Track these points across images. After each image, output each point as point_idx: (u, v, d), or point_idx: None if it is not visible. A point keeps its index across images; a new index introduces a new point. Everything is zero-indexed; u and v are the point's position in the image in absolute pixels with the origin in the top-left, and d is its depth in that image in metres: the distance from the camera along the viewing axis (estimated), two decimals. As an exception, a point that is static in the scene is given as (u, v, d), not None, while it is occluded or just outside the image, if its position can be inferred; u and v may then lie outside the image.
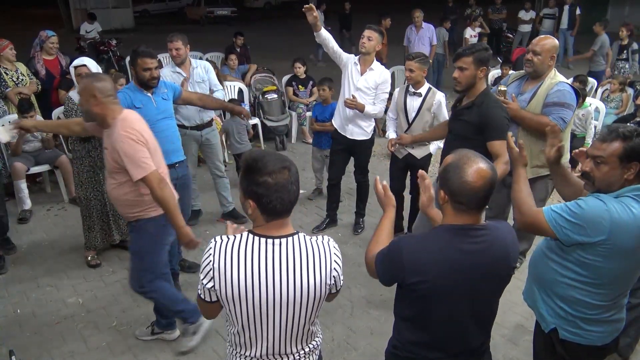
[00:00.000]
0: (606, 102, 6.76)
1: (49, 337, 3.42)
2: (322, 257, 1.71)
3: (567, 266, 2.05)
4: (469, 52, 3.03)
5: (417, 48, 8.33)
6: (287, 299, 1.68)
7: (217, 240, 1.72)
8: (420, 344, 1.83)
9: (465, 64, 3.03)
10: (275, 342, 1.75)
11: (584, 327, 2.09)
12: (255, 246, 1.68)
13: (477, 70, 3.04)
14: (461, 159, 1.70)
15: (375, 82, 4.26)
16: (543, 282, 2.19)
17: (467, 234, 1.72)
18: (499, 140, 3.00)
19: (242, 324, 1.73)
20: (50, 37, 6.07)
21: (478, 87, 3.11)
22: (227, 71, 7.59)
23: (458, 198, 1.69)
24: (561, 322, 2.13)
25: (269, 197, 1.63)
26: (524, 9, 12.67)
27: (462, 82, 3.09)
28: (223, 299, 1.70)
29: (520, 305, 3.68)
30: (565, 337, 2.13)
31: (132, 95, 3.57)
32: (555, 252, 2.10)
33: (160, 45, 5.77)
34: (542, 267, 2.18)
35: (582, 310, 2.07)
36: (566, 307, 2.10)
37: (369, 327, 3.53)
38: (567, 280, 2.06)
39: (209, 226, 4.96)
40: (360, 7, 28.80)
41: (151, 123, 3.29)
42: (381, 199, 2.05)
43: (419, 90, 4.12)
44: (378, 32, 4.23)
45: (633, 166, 1.91)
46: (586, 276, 2.01)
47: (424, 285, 1.70)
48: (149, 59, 3.52)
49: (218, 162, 4.89)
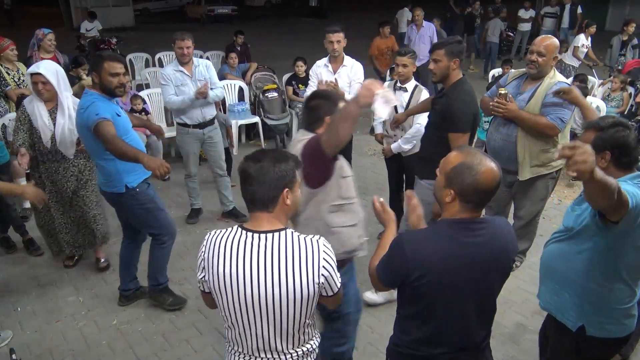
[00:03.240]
0: (607, 101, 6.76)
1: (50, 336, 3.43)
2: (310, 254, 1.70)
3: (600, 260, 2.05)
4: (442, 45, 3.20)
5: (417, 47, 8.31)
6: (273, 295, 1.68)
7: (210, 232, 1.79)
8: (424, 340, 1.84)
9: (439, 56, 3.19)
10: (265, 339, 1.76)
11: (616, 321, 2.11)
12: (241, 240, 1.71)
13: (450, 62, 3.19)
14: (471, 159, 1.69)
15: (349, 76, 4.46)
16: (567, 281, 2.16)
17: (469, 228, 1.73)
18: (454, 134, 3.16)
19: (231, 319, 1.76)
20: (48, 35, 6.02)
21: (452, 77, 3.25)
22: (228, 70, 7.59)
23: (469, 197, 1.71)
24: (589, 319, 2.13)
25: (244, 185, 1.72)
26: (524, 7, 12.66)
27: (437, 74, 3.26)
28: (212, 290, 1.76)
29: (520, 304, 3.70)
30: (592, 334, 2.13)
31: (108, 103, 3.19)
32: (581, 247, 2.09)
33: (160, 44, 5.78)
34: (563, 266, 2.17)
35: (617, 304, 2.09)
36: (597, 302, 2.10)
37: (370, 326, 3.52)
38: (598, 275, 2.07)
39: (209, 225, 4.96)
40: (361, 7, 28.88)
41: (129, 131, 3.28)
42: (381, 216, 2.08)
43: (404, 85, 4.16)
44: (342, 31, 4.47)
45: (605, 155, 2.02)
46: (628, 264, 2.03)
47: (427, 279, 1.71)
48: (117, 63, 3.18)
49: (220, 160, 4.89)
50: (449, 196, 1.73)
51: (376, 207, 2.08)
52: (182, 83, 4.49)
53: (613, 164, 2.04)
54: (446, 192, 1.74)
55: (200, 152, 4.96)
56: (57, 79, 3.61)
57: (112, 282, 4.02)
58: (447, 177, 1.74)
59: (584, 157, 1.43)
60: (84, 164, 3.88)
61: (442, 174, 1.76)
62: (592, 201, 1.78)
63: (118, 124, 3.18)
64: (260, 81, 7.52)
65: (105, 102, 3.17)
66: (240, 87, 7.35)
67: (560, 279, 2.20)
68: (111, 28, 17.76)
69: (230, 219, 5.00)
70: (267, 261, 1.67)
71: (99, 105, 3.10)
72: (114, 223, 4.85)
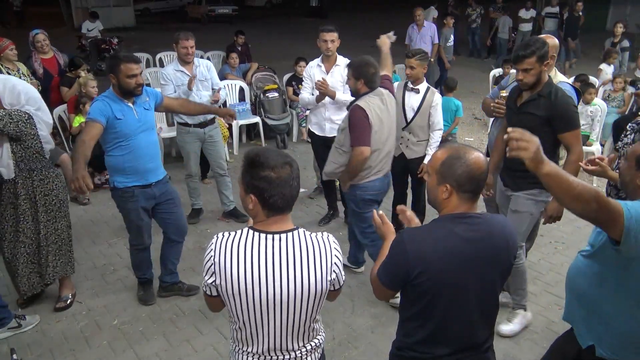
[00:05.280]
0: (608, 101, 6.76)
1: (50, 335, 3.43)
2: (322, 252, 1.72)
3: (619, 285, 1.92)
4: (530, 53, 2.93)
5: (418, 46, 8.32)
6: (288, 295, 1.68)
7: (218, 236, 1.75)
8: (426, 341, 1.83)
9: (530, 65, 2.95)
10: (276, 338, 1.76)
11: (633, 352, 1.99)
12: (255, 242, 1.69)
13: (542, 67, 2.99)
14: (456, 151, 1.76)
15: (342, 75, 4.38)
16: (585, 298, 2.07)
17: (467, 222, 1.75)
18: (569, 132, 3.02)
19: (243, 319, 1.74)
20: (36, 36, 5.98)
21: (542, 79, 3.06)
22: (228, 70, 7.59)
23: (465, 187, 1.73)
24: (602, 339, 2.03)
25: (270, 191, 1.64)
26: (525, 8, 12.67)
27: (529, 82, 3.03)
28: (224, 294, 1.72)
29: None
30: (602, 355, 2.03)
31: (112, 104, 3.21)
32: (601, 268, 1.98)
33: (161, 44, 5.78)
34: (583, 283, 2.07)
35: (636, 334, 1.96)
36: (613, 326, 1.98)
37: (370, 326, 3.53)
38: (617, 300, 1.94)
39: (210, 225, 4.96)
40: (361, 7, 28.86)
41: (130, 136, 3.28)
42: (380, 230, 2.08)
43: (417, 86, 4.14)
44: (336, 31, 4.40)
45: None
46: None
47: (428, 276, 1.71)
48: (134, 65, 3.20)
49: (221, 160, 4.89)
50: (445, 192, 1.75)
51: (375, 220, 2.09)
52: (182, 83, 4.49)
53: None
54: (441, 188, 1.76)
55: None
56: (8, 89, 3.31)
57: (113, 282, 4.02)
58: (438, 173, 1.77)
59: (525, 145, 1.57)
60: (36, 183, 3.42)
61: (433, 173, 1.79)
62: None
63: (116, 125, 3.21)
64: (261, 81, 7.52)
65: (110, 104, 3.21)
66: (240, 87, 7.35)
67: (578, 294, 2.12)
68: (112, 28, 17.77)
69: (231, 219, 5.00)
70: (282, 262, 1.68)
71: (96, 105, 3.21)
72: (115, 224, 4.87)
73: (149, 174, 3.42)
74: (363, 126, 3.35)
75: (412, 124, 4.13)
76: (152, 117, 3.47)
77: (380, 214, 2.09)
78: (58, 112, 5.76)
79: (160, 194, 3.52)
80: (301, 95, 4.61)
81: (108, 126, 3.20)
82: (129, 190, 3.37)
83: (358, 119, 3.36)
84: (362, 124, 3.35)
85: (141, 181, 3.38)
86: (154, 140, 3.47)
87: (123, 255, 4.38)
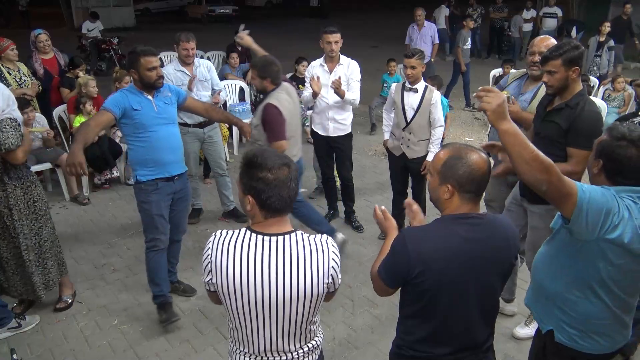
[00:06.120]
0: (607, 101, 6.76)
1: (50, 335, 3.43)
2: (320, 255, 1.71)
3: (571, 268, 1.97)
4: (556, 55, 2.76)
5: (418, 46, 8.33)
6: (284, 297, 1.68)
7: (216, 234, 1.75)
8: (426, 340, 1.83)
9: (554, 67, 2.78)
10: (272, 340, 1.76)
11: (586, 335, 2.02)
12: (252, 243, 1.69)
13: (569, 72, 2.79)
14: (457, 151, 1.75)
15: (345, 74, 4.45)
16: (543, 283, 2.13)
17: (468, 222, 1.75)
18: (578, 149, 2.77)
19: (238, 319, 1.74)
20: (38, 36, 5.98)
21: (572, 88, 2.85)
22: (229, 70, 7.59)
23: (467, 187, 1.73)
24: (558, 324, 2.07)
25: (268, 193, 1.64)
26: (525, 7, 12.68)
27: (553, 85, 2.85)
28: (220, 293, 1.73)
29: (521, 304, 3.69)
30: (561, 341, 2.07)
31: (130, 96, 3.24)
32: (557, 251, 2.04)
33: (161, 44, 5.78)
34: (543, 267, 2.13)
35: (588, 318, 1.99)
36: (567, 310, 2.03)
37: (370, 326, 3.53)
38: (569, 282, 1.99)
39: (209, 225, 4.96)
40: (361, 7, 28.87)
41: (148, 128, 3.26)
42: (382, 224, 2.08)
43: (415, 86, 4.14)
44: (339, 32, 4.46)
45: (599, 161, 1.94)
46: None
47: (429, 276, 1.71)
48: (152, 57, 3.25)
49: (220, 160, 4.90)
50: (447, 192, 1.75)
51: (377, 214, 2.08)
52: (182, 83, 4.49)
53: (605, 176, 1.93)
54: (443, 189, 1.76)
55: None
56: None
57: (113, 282, 4.02)
58: (440, 174, 1.77)
59: (490, 99, 1.67)
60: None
61: (435, 174, 1.79)
62: (514, 163, 1.77)
63: (134, 116, 3.22)
64: (261, 81, 7.50)
65: (128, 95, 3.25)
66: (241, 87, 7.35)
67: (538, 280, 2.17)
68: (112, 28, 17.78)
69: (231, 219, 5.00)
70: (277, 264, 1.67)
71: (113, 96, 3.31)
72: (115, 224, 4.87)
73: (170, 165, 3.39)
74: (279, 122, 3.62)
75: (413, 124, 4.13)
76: (173, 111, 3.45)
77: (383, 209, 2.09)
78: (58, 112, 5.76)
79: (180, 189, 3.52)
80: (304, 94, 4.61)
81: (126, 117, 3.20)
82: (153, 183, 3.34)
83: (273, 116, 3.61)
84: (278, 120, 3.62)
85: (164, 174, 3.34)
86: (174, 133, 3.43)
87: (123, 255, 4.38)
